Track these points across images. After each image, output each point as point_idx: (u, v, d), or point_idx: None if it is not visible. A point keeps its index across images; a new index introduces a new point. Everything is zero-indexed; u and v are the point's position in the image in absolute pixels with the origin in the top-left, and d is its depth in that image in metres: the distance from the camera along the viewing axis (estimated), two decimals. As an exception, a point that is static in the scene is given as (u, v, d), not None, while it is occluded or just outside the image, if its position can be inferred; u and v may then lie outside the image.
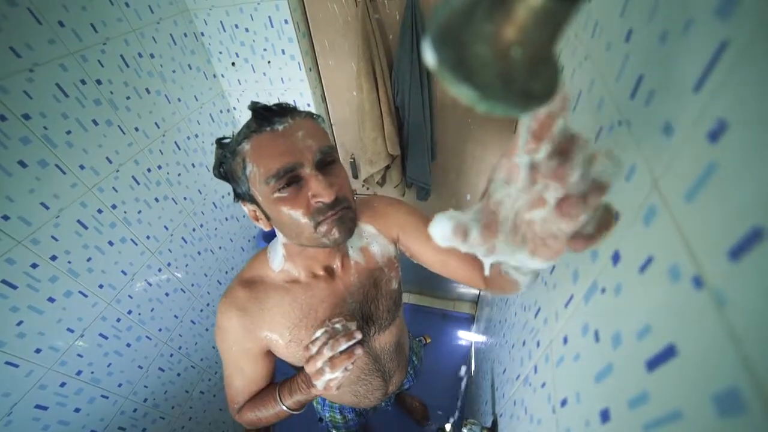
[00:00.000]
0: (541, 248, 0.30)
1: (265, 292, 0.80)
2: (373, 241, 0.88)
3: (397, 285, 0.93)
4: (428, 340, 2.47)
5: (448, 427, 1.18)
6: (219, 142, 0.72)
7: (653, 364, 0.29)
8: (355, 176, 2.02)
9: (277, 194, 0.64)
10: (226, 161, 0.68)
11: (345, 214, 0.68)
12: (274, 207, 0.66)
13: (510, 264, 0.37)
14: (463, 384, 2.19)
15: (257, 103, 0.66)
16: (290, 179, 0.64)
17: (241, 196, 0.71)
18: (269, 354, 0.86)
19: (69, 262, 1.13)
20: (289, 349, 0.82)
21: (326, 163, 0.67)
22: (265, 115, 0.64)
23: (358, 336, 0.71)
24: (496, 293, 0.71)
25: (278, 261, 0.81)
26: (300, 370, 0.85)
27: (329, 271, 0.83)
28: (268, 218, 0.70)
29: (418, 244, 0.87)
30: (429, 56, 0.23)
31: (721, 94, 0.23)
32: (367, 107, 1.57)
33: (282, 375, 0.90)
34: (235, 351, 0.82)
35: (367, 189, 2.08)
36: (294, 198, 0.65)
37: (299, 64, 1.62)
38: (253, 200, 0.69)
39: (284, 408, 0.83)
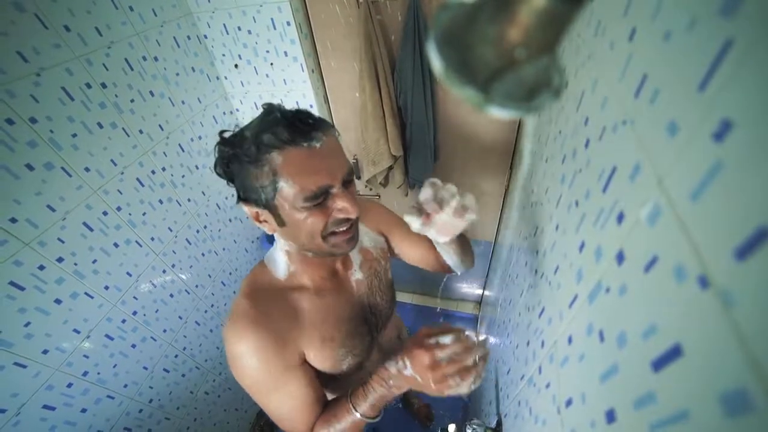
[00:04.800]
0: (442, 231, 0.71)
1: (282, 299, 0.77)
2: (364, 236, 0.94)
3: (391, 275, 1.00)
4: None
5: (452, 428, 1.18)
6: (223, 138, 0.67)
7: (659, 364, 0.28)
8: (358, 177, 2.02)
9: (304, 204, 0.64)
10: (241, 163, 0.64)
11: (354, 234, 0.72)
12: (298, 214, 0.66)
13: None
14: None
15: (280, 106, 0.65)
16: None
17: (248, 199, 0.68)
18: (308, 365, 0.80)
19: (75, 264, 1.14)
20: (324, 349, 0.79)
21: (349, 181, 0.69)
22: (302, 129, 0.62)
23: (487, 349, 0.70)
24: (446, 272, 1.03)
25: (282, 269, 0.81)
26: (331, 380, 0.87)
27: (333, 273, 0.86)
28: (280, 224, 0.69)
29: (403, 242, 0.99)
30: (434, 58, 0.23)
31: (726, 93, 0.23)
32: (369, 108, 1.58)
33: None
34: (273, 372, 0.73)
35: (370, 190, 2.08)
36: (319, 209, 0.66)
37: (302, 65, 1.63)
38: (266, 205, 0.67)
39: (359, 416, 0.75)
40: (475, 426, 0.99)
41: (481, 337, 0.74)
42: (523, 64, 0.23)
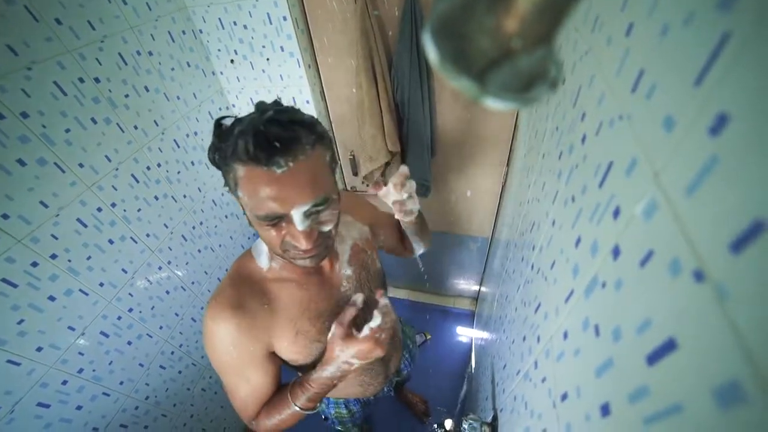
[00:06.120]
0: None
1: (261, 289, 0.80)
2: (353, 228, 0.96)
3: (380, 264, 1.03)
4: (428, 337, 2.48)
5: (448, 422, 1.20)
6: (219, 126, 0.65)
7: (653, 358, 0.29)
8: (355, 173, 2.03)
9: (257, 220, 0.65)
10: (221, 157, 0.63)
11: (318, 252, 0.70)
12: (256, 224, 0.67)
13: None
14: (464, 380, 2.20)
15: (264, 115, 0.59)
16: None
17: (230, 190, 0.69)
18: (274, 356, 0.83)
19: (69, 261, 1.13)
20: (297, 343, 0.81)
21: (315, 212, 0.65)
22: (266, 149, 0.57)
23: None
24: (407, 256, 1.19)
25: (265, 260, 0.82)
26: (301, 369, 0.88)
27: (317, 268, 0.86)
28: (249, 223, 0.71)
29: (386, 231, 1.08)
30: (429, 48, 0.23)
31: (723, 87, 0.23)
32: (366, 104, 1.57)
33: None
34: (237, 357, 0.77)
35: (367, 186, 2.08)
36: (272, 228, 0.66)
37: (298, 61, 1.62)
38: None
39: (297, 409, 0.81)
40: (471, 421, 1.00)
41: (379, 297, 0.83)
42: (520, 55, 0.23)
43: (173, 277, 1.60)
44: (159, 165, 1.50)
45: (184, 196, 1.65)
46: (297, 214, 0.62)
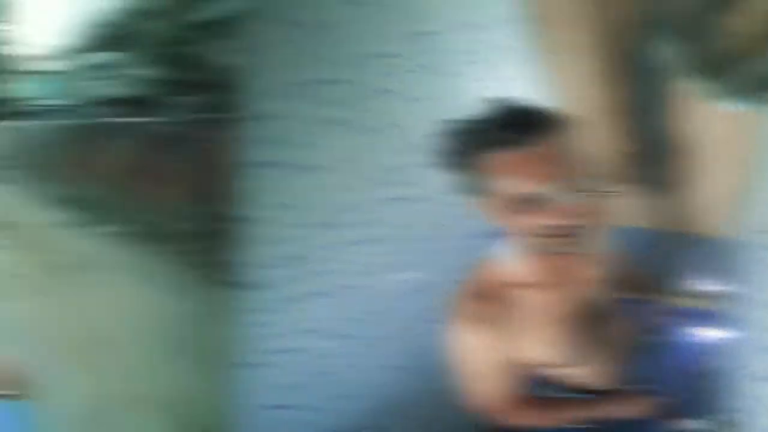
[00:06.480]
0: None
1: (501, 297, 0.82)
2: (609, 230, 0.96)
3: (626, 270, 1.04)
4: (660, 337, 2.01)
5: (687, 423, 1.18)
6: (445, 129, 0.75)
7: None
8: (592, 175, 1.74)
9: (509, 205, 0.68)
10: (455, 155, 0.73)
11: (576, 237, 0.72)
12: (505, 212, 0.70)
13: None
14: (701, 381, 1.70)
15: (502, 105, 0.70)
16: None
17: (463, 189, 0.76)
18: (515, 360, 0.86)
19: (312, 263, 1.19)
20: (530, 349, 0.84)
21: (573, 188, 0.67)
22: (518, 130, 0.65)
23: None
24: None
25: (508, 262, 0.85)
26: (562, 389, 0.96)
27: (562, 267, 0.85)
28: (491, 218, 0.76)
29: None
30: (666, 50, 0.06)
31: None
32: (601, 105, 1.55)
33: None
34: (479, 365, 0.84)
35: (603, 188, 1.78)
36: (528, 212, 0.67)
37: (531, 61, 1.57)
38: (477, 198, 0.74)
39: (572, 419, 0.93)
40: (709, 422, 1.04)
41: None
42: (760, 55, 0.06)
43: (412, 279, 1.58)
44: (398, 168, 1.49)
45: (424, 198, 1.61)
46: (556, 190, 0.65)
